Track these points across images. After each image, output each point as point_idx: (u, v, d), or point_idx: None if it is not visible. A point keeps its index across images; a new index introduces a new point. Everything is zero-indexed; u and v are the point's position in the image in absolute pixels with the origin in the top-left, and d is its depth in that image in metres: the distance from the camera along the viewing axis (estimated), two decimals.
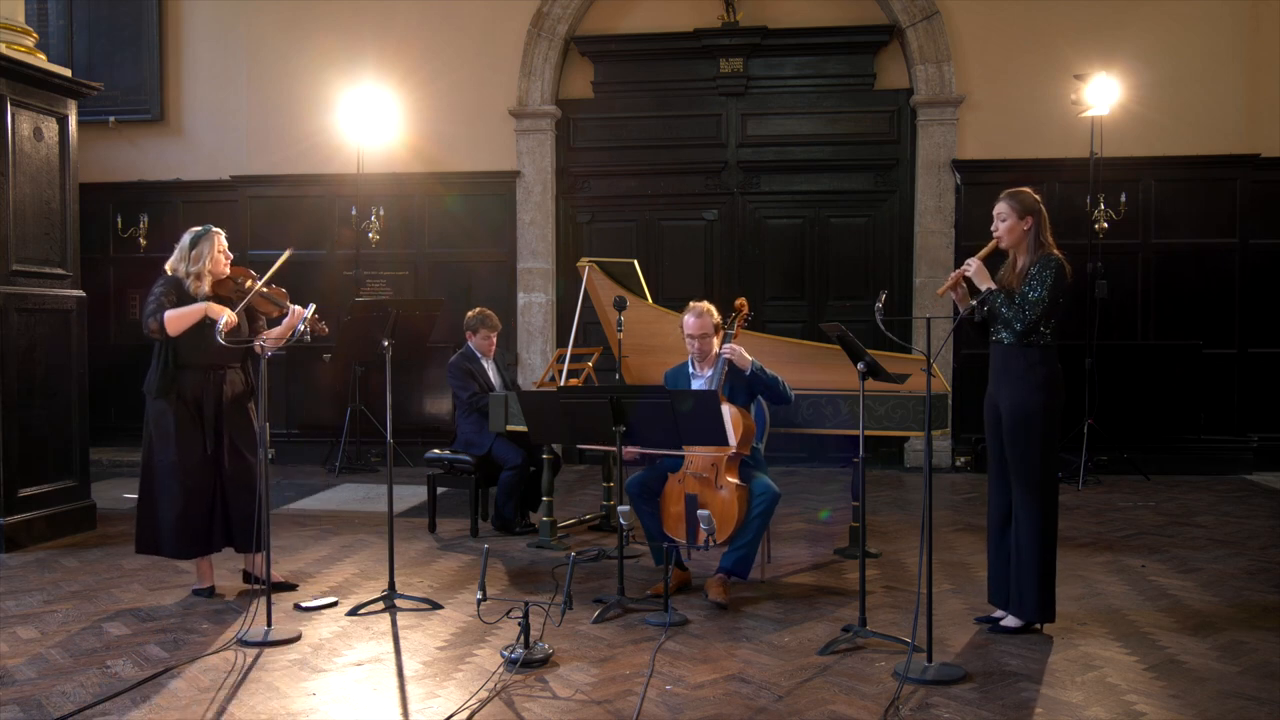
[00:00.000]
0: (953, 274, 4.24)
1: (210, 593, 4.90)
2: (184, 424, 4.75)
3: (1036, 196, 4.30)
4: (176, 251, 4.83)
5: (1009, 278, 4.27)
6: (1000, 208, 4.28)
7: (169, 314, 4.66)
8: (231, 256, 4.92)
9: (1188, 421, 8.62)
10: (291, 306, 4.79)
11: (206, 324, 4.64)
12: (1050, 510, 4.22)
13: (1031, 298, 4.13)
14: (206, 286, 4.78)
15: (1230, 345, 8.83)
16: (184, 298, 4.74)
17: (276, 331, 4.82)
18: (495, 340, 6.53)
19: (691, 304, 5.05)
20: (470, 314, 6.52)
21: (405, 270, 9.57)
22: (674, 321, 5.12)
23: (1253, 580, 5.15)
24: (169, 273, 4.82)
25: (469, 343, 6.47)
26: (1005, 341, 4.24)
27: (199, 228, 4.85)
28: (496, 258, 9.51)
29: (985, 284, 4.20)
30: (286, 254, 4.73)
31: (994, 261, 4.29)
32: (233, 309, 4.63)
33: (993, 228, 4.30)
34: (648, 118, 9.45)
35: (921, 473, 7.99)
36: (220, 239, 4.83)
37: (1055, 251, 4.25)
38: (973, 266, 4.18)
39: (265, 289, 4.78)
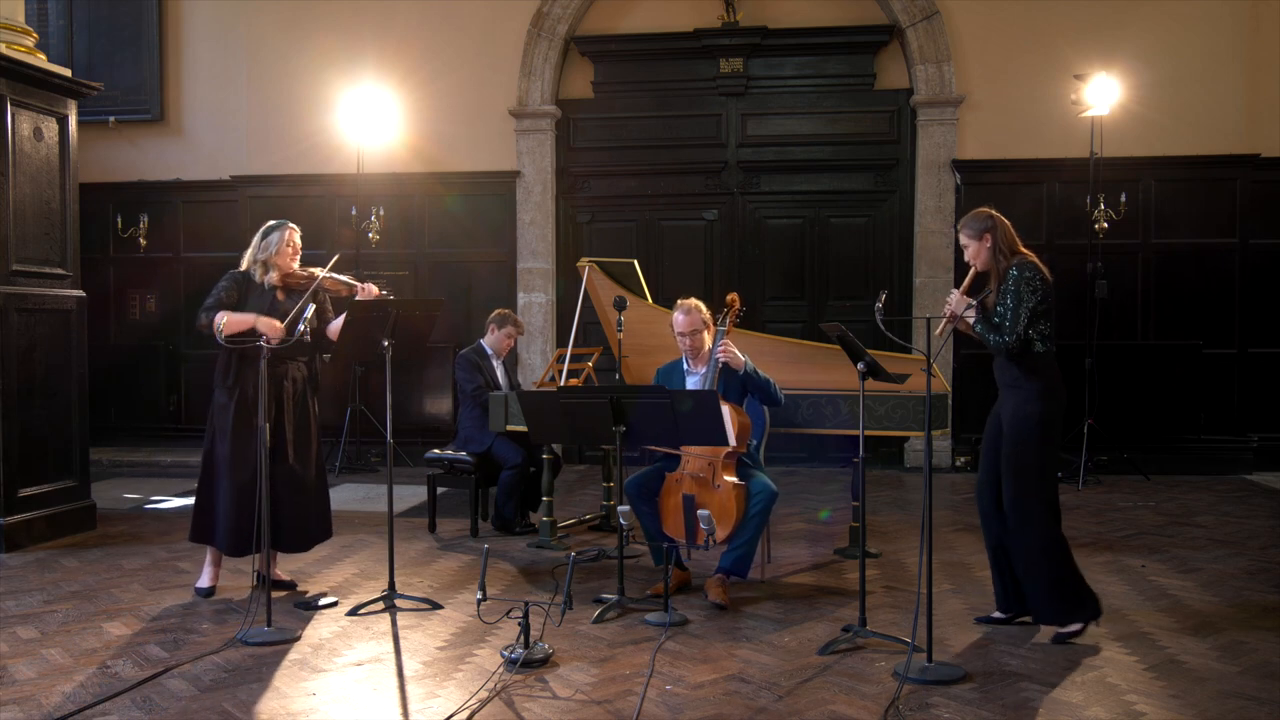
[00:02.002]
0: (945, 315, 4.21)
1: (211, 593, 4.90)
2: (240, 419, 4.75)
3: (989, 211, 4.24)
4: (252, 244, 4.90)
5: (992, 295, 4.23)
6: (960, 239, 4.28)
7: (227, 315, 4.66)
8: (300, 252, 4.94)
9: (1188, 421, 8.61)
10: (360, 285, 4.89)
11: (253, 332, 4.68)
12: (1052, 517, 4.17)
13: (1001, 311, 4.10)
14: (275, 277, 4.83)
15: (1230, 345, 8.83)
16: (251, 289, 4.80)
17: (341, 320, 4.84)
18: (513, 344, 6.59)
19: (679, 301, 5.05)
20: (497, 311, 6.57)
21: (405, 270, 9.57)
22: None
23: (1253, 580, 5.16)
24: (241, 268, 4.87)
25: (485, 338, 6.49)
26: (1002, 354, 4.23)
27: (275, 220, 4.96)
28: (496, 258, 9.51)
29: (971, 314, 4.17)
30: (336, 257, 4.93)
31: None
32: (295, 298, 4.74)
33: (965, 258, 4.30)
34: (648, 118, 9.46)
35: (921, 473, 7.99)
36: (293, 234, 4.90)
37: (1025, 256, 4.18)
38: (953, 300, 4.18)
39: (335, 274, 4.88)
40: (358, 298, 4.83)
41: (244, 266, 4.88)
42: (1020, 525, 4.18)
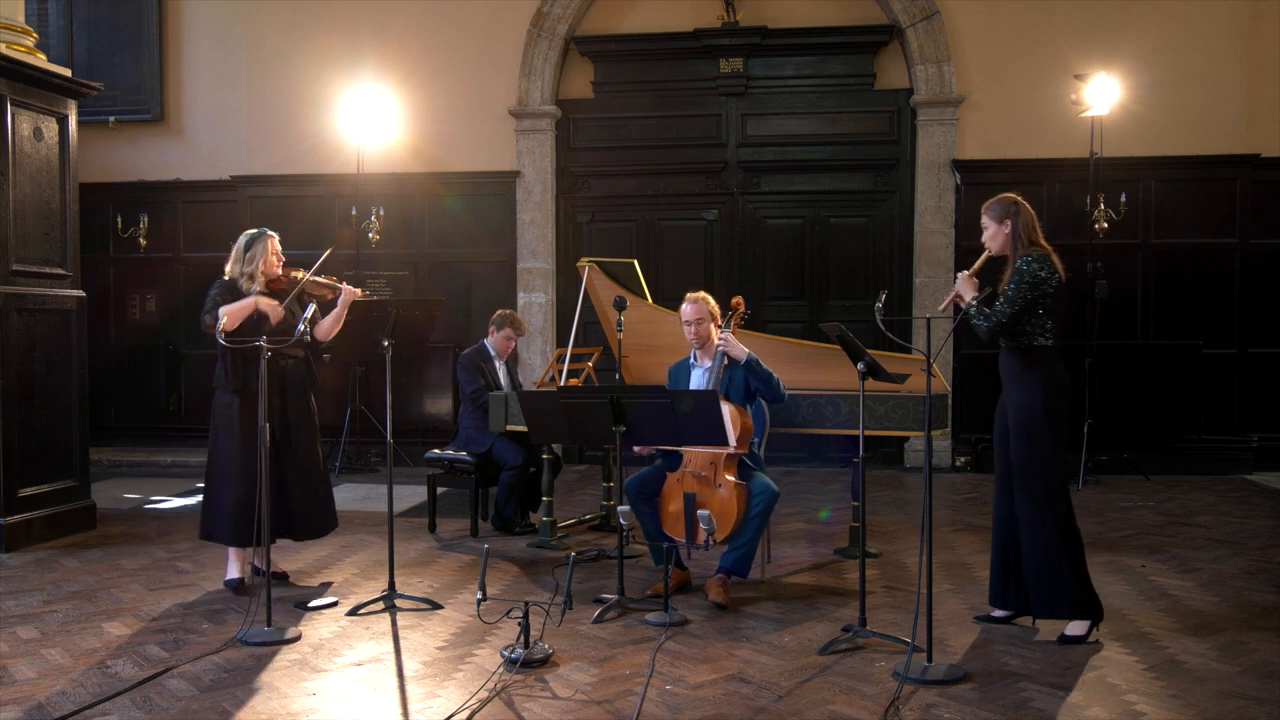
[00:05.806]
0: (950, 297, 4.28)
1: (240, 584, 4.94)
2: (247, 416, 4.82)
3: (1014, 197, 4.28)
4: (232, 254, 4.99)
5: (1005, 281, 4.25)
6: (982, 220, 4.32)
7: (224, 309, 4.73)
8: (284, 258, 5.04)
9: (1188, 421, 8.61)
10: (343, 286, 5.00)
11: (257, 318, 4.79)
12: (1061, 512, 4.14)
13: (1001, 302, 4.14)
14: (259, 286, 4.91)
15: (1230, 345, 8.83)
16: (239, 298, 4.86)
17: (330, 319, 5.00)
18: (514, 346, 6.60)
19: (689, 295, 5.07)
20: (499, 312, 6.59)
21: (405, 270, 9.57)
22: (674, 321, 5.12)
23: (1253, 580, 5.16)
24: (225, 277, 4.96)
25: (486, 339, 6.50)
26: (1002, 346, 4.26)
27: (254, 230, 5.05)
28: (496, 258, 9.51)
29: (970, 295, 4.20)
30: (326, 253, 4.91)
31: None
32: (283, 300, 4.84)
33: (983, 240, 4.34)
34: (648, 118, 9.45)
35: (921, 473, 7.99)
36: (274, 241, 5.00)
37: (1041, 246, 4.20)
38: (959, 282, 4.23)
39: (317, 276, 4.94)
40: (341, 301, 4.95)
41: (227, 276, 4.95)
42: (1029, 519, 4.16)
